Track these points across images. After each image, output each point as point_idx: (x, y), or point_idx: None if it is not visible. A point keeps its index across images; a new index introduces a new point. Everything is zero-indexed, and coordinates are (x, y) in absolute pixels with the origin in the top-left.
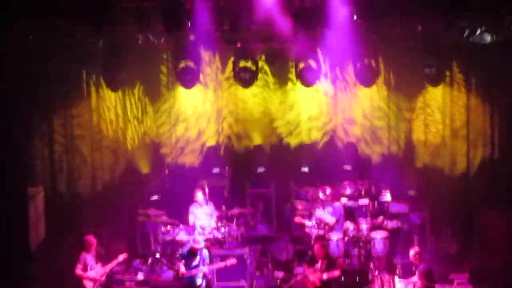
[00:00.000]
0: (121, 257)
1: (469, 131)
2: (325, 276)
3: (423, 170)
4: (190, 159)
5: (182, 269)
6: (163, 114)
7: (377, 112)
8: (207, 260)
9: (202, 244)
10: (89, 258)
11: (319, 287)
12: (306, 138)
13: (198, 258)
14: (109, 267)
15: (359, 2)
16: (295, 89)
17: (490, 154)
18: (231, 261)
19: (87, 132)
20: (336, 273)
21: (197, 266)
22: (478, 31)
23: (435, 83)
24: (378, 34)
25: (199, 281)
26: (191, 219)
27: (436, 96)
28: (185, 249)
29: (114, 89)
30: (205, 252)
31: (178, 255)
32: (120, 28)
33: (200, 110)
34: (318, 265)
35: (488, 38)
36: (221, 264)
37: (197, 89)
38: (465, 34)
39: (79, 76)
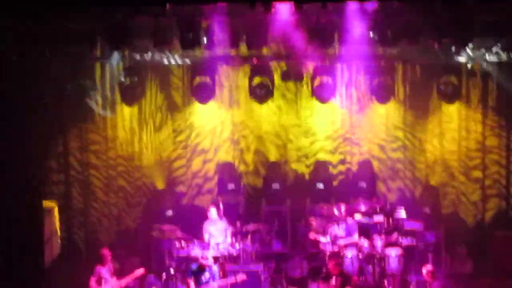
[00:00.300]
0: (138, 272)
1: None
2: None
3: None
4: (206, 180)
5: (192, 285)
6: (180, 131)
7: (392, 143)
8: (217, 276)
9: (211, 260)
10: (104, 271)
11: None
12: (321, 156)
13: (207, 274)
14: (125, 281)
15: (374, 20)
16: (311, 105)
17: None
18: (241, 277)
19: (102, 146)
20: None
21: (207, 282)
22: (494, 50)
23: (450, 100)
24: (394, 50)
25: None
26: (206, 237)
27: (452, 118)
28: (194, 266)
29: (129, 104)
30: (215, 268)
31: (187, 272)
32: (136, 44)
33: (215, 125)
34: (333, 282)
35: (503, 56)
36: (231, 280)
37: (212, 105)
38: (481, 53)
39: (94, 93)
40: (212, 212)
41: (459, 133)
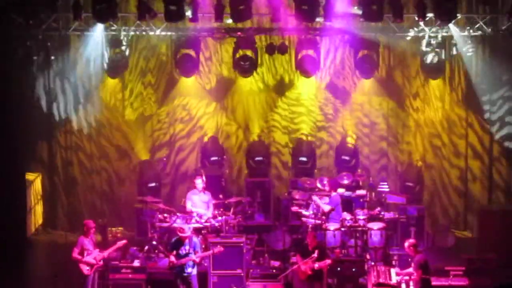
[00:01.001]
0: (121, 243)
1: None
2: (316, 265)
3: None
4: (189, 153)
5: (172, 258)
6: (162, 103)
7: (376, 118)
8: (198, 248)
9: (188, 233)
10: (86, 242)
11: (311, 276)
12: (304, 131)
13: (187, 247)
14: (107, 252)
15: None
16: (295, 79)
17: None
18: (218, 249)
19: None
20: (327, 261)
21: (186, 255)
22: (478, 24)
23: (435, 76)
24: (379, 25)
25: (189, 269)
26: (188, 205)
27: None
28: (173, 239)
29: (113, 76)
30: (195, 240)
31: (167, 245)
32: (121, 16)
33: (199, 98)
34: (314, 255)
35: (488, 30)
36: (208, 253)
37: (196, 77)
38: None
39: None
40: (198, 182)
41: (442, 108)
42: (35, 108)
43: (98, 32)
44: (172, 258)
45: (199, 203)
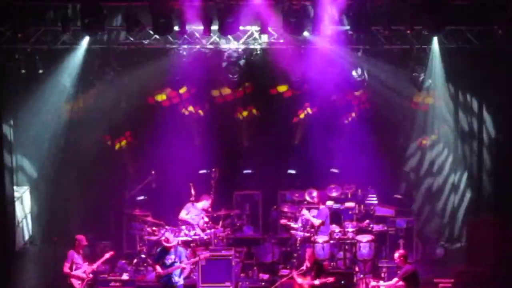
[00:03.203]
0: (108, 254)
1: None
2: (316, 282)
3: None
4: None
5: (159, 269)
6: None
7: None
8: (183, 257)
9: (174, 242)
10: (76, 256)
11: None
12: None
13: (173, 256)
14: (96, 264)
15: (348, 7)
16: (282, 91)
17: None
18: (205, 255)
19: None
20: (330, 279)
21: (172, 264)
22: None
23: (421, 87)
24: (366, 37)
25: (175, 278)
26: (183, 214)
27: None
28: (157, 249)
29: (100, 88)
30: (180, 249)
31: (152, 257)
32: (109, 28)
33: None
34: (304, 268)
35: (476, 44)
36: (195, 259)
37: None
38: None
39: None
40: (205, 204)
41: (431, 119)
42: (23, 121)
43: (86, 46)
44: (159, 269)
45: (194, 215)
